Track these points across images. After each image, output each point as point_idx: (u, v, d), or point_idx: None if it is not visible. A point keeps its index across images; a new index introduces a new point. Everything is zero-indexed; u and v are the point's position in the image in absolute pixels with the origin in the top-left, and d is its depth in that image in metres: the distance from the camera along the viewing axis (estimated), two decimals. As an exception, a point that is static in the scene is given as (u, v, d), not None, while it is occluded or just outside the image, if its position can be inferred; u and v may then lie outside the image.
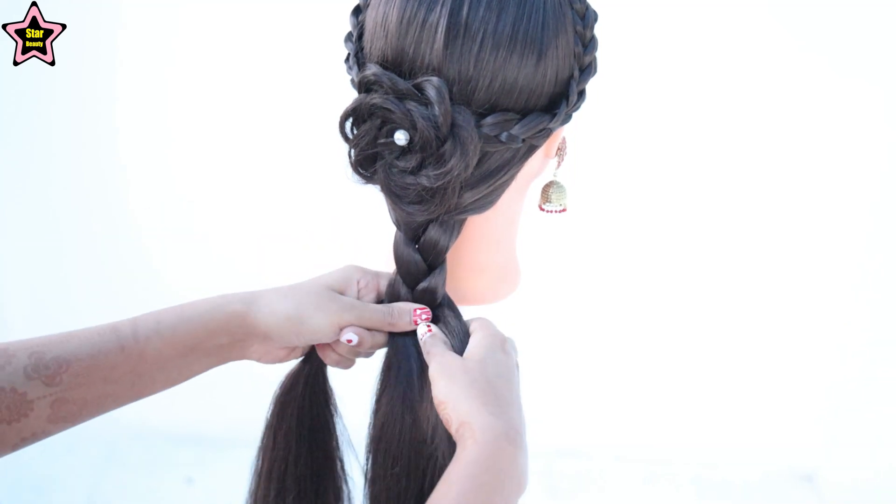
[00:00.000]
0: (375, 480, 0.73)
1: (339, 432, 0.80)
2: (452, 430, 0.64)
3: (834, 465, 2.02)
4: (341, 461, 0.81)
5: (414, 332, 0.73)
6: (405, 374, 0.72)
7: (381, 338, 0.74)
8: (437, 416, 0.70)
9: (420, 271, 0.73)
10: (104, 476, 2.04)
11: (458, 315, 0.75)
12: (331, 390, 0.79)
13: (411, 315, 0.72)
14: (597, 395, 2.06)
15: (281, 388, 0.78)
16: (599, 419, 2.09)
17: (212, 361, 0.71)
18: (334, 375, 0.80)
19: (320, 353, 0.76)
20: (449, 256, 0.73)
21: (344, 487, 0.81)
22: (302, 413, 0.78)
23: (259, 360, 0.74)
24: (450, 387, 0.65)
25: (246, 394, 2.09)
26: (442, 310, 0.74)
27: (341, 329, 0.71)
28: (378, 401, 0.74)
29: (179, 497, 2.00)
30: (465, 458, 0.61)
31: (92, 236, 1.97)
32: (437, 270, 0.73)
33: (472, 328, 0.72)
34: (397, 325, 0.72)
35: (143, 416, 2.14)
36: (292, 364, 0.78)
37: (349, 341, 0.71)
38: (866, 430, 1.93)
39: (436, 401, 0.66)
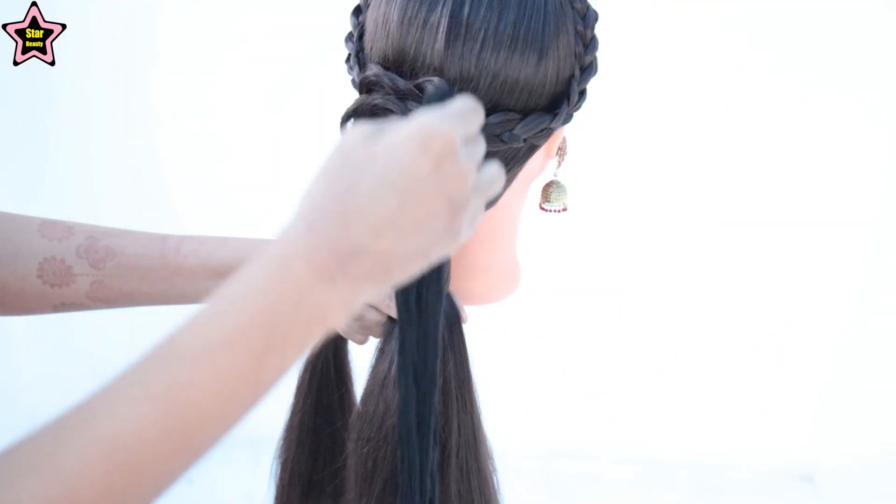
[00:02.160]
0: (350, 455, 0.75)
1: (347, 403, 0.82)
2: None
3: (834, 465, 2.02)
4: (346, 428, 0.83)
5: None
6: (388, 362, 0.73)
7: (377, 316, 0.74)
8: None
9: None
10: (104, 476, 2.04)
11: (457, 313, 0.74)
12: (347, 363, 0.82)
13: None
14: (596, 396, 2.06)
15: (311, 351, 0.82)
16: (598, 420, 2.09)
17: None
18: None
19: None
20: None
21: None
22: (314, 378, 0.81)
23: None
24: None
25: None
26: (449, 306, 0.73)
27: None
28: (368, 379, 0.75)
29: (179, 497, 2.00)
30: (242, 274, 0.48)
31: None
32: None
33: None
34: (393, 308, 0.72)
35: (143, 416, 2.15)
36: None
37: None
38: (866, 430, 1.93)
39: None
